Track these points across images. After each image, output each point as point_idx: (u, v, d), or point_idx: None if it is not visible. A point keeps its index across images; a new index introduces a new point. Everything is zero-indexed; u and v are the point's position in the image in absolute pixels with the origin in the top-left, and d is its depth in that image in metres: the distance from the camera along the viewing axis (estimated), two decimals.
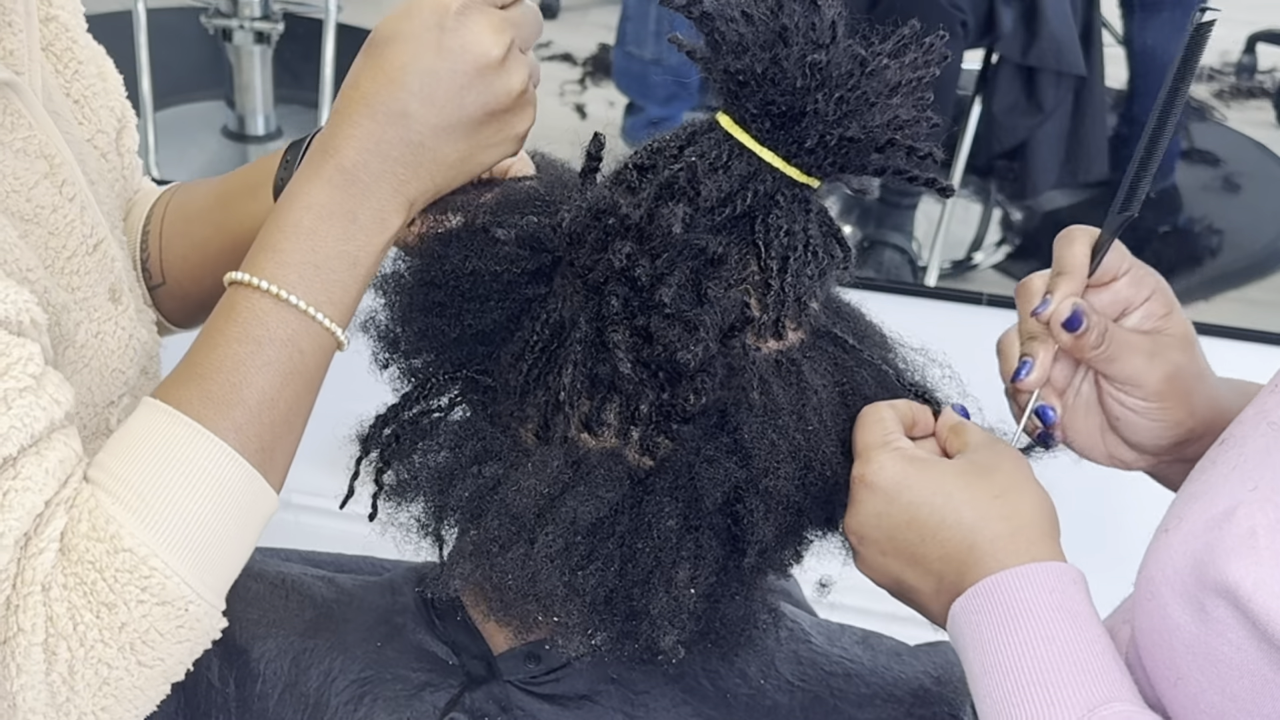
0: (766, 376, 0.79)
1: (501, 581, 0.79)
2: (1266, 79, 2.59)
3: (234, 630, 0.89)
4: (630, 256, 0.76)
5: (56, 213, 0.80)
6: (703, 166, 0.78)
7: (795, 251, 0.80)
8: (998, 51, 2.30)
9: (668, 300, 0.75)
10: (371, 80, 0.77)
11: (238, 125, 2.65)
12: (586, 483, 0.77)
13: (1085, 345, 0.81)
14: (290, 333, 0.76)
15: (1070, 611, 0.73)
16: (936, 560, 0.76)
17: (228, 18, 2.54)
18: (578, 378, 0.78)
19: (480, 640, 0.87)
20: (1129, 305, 0.84)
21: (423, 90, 0.76)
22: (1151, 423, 0.84)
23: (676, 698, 0.85)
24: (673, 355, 0.75)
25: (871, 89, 0.77)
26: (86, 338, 0.82)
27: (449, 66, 0.76)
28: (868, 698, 0.86)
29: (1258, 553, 0.69)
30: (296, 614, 0.90)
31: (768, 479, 0.77)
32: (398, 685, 0.85)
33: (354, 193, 0.77)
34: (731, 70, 0.78)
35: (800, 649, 0.89)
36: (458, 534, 0.84)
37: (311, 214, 0.76)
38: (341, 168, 0.77)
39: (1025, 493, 0.77)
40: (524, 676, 0.85)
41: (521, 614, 0.81)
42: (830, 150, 0.78)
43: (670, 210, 0.76)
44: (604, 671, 0.85)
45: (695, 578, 0.78)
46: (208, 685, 0.87)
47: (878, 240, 2.48)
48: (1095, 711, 0.69)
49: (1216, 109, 2.57)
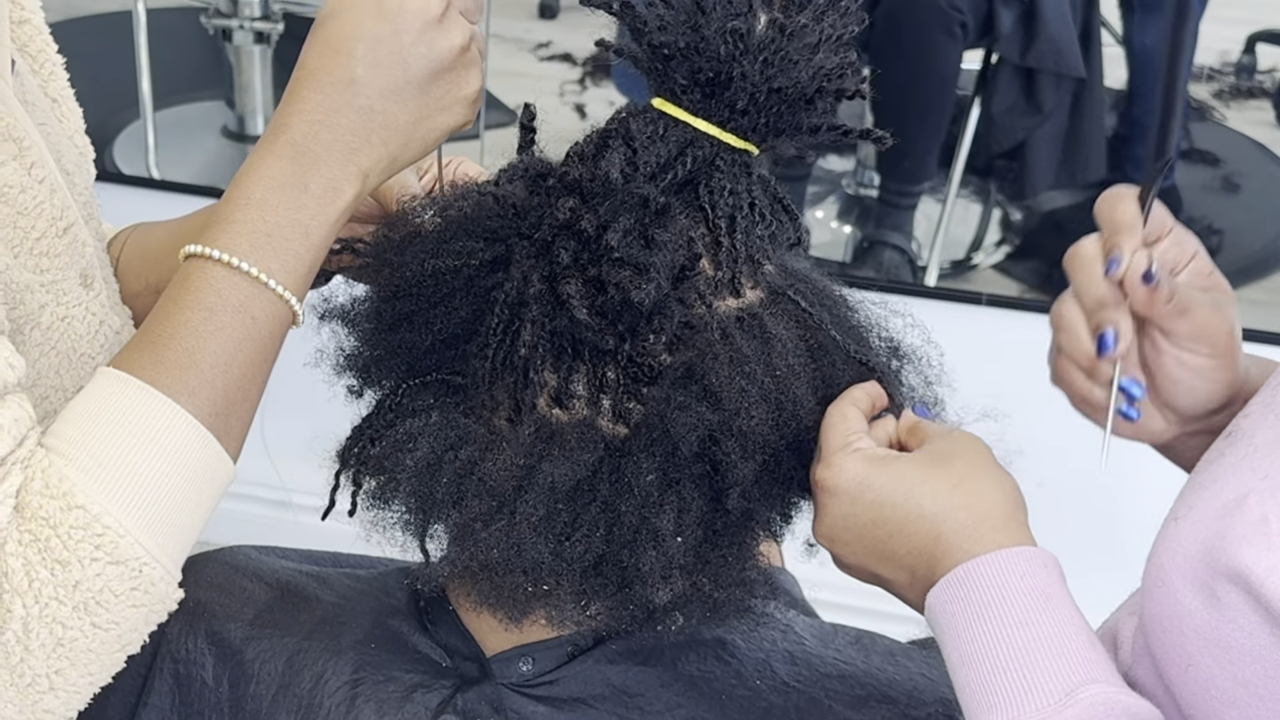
0: (729, 330, 0.80)
1: (487, 558, 0.79)
2: (1266, 79, 2.59)
3: (229, 630, 0.89)
4: (574, 210, 0.78)
5: (25, 193, 0.80)
6: (640, 138, 0.80)
7: (741, 211, 0.82)
8: (997, 52, 2.30)
9: (615, 244, 0.77)
10: (317, 55, 0.79)
11: (238, 125, 2.65)
12: (561, 448, 0.78)
13: (1159, 299, 0.79)
14: (242, 298, 0.76)
15: (1044, 594, 0.73)
16: (906, 555, 0.77)
17: (228, 18, 2.54)
18: (538, 337, 0.79)
19: (473, 642, 0.87)
20: (1175, 265, 0.82)
21: (366, 55, 0.78)
22: (1209, 383, 0.82)
23: (671, 700, 0.85)
24: (626, 297, 0.76)
25: (794, 49, 0.80)
26: (53, 320, 0.82)
27: (390, 28, 0.78)
28: (862, 699, 0.86)
29: (1270, 539, 0.70)
30: (291, 615, 0.90)
31: (740, 419, 0.78)
32: (390, 686, 0.85)
33: (305, 164, 0.78)
34: (656, 44, 0.80)
35: (794, 650, 0.89)
36: (443, 528, 0.84)
37: (263, 186, 0.77)
38: (292, 141, 0.78)
39: (985, 479, 0.77)
40: (517, 679, 0.85)
41: (512, 592, 0.81)
42: (761, 109, 0.80)
43: (608, 159, 0.79)
44: (598, 675, 0.85)
45: (681, 528, 0.79)
46: (201, 685, 0.87)
47: (877, 240, 2.48)
48: (1075, 693, 0.69)
49: (1216, 109, 2.57)
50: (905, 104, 2.35)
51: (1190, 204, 2.52)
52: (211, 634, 0.89)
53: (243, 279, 0.76)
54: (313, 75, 0.79)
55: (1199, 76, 2.51)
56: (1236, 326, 0.83)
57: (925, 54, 2.28)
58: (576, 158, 0.83)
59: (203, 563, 0.95)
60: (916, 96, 2.32)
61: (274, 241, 0.77)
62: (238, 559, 0.96)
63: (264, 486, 2.29)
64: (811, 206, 2.58)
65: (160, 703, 0.88)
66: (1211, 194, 2.58)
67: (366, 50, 0.78)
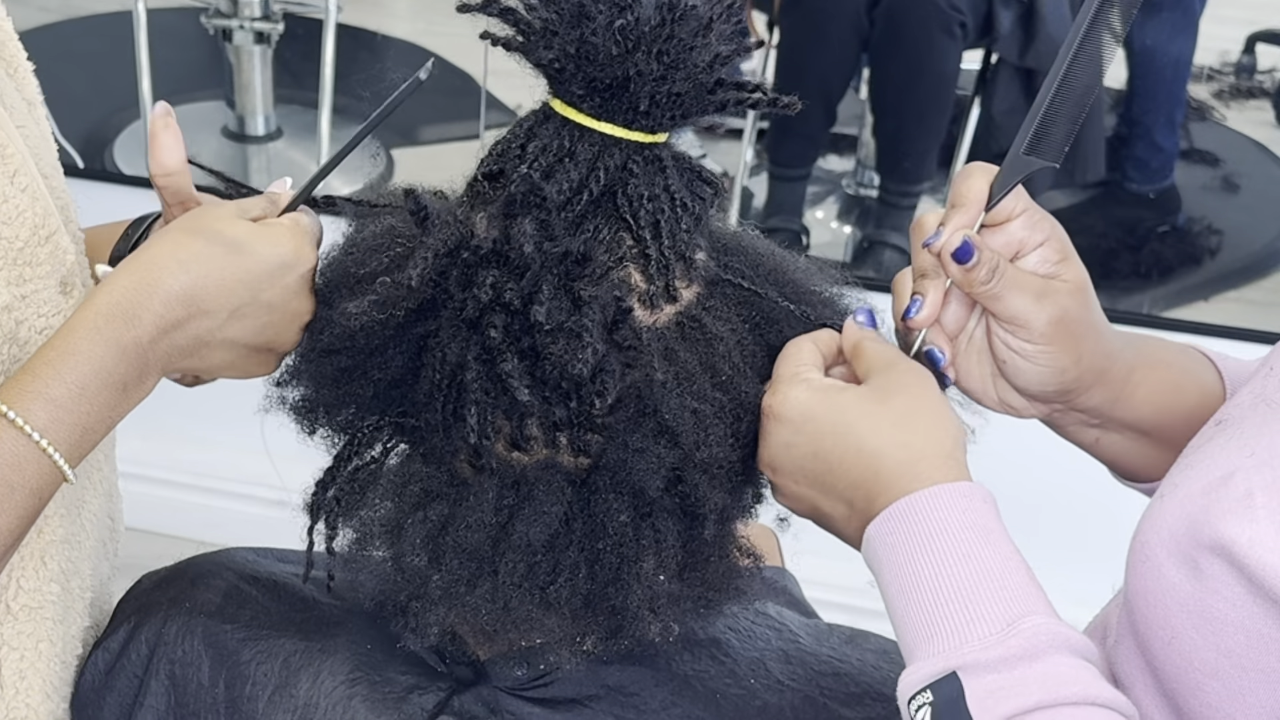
0: (671, 346, 0.79)
1: (476, 618, 0.79)
2: (1266, 79, 2.58)
3: (225, 632, 0.89)
4: (495, 285, 0.76)
5: (8, 203, 0.80)
6: (545, 163, 0.78)
7: (664, 214, 0.79)
8: (997, 52, 2.30)
9: (543, 319, 0.75)
10: (205, 276, 0.78)
11: (238, 125, 2.64)
12: (530, 502, 0.78)
13: (975, 279, 0.80)
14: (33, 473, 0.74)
15: (983, 529, 0.73)
16: (845, 488, 0.77)
17: (228, 18, 2.54)
18: (484, 416, 0.77)
19: (467, 647, 0.87)
20: (1023, 247, 0.84)
21: (232, 305, 0.79)
22: (1037, 367, 0.83)
23: (666, 699, 0.85)
24: (565, 369, 0.75)
25: (686, 32, 0.77)
26: (30, 334, 0.82)
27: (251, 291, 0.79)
28: (857, 696, 0.86)
29: (1254, 511, 0.71)
30: (288, 616, 0.90)
31: (701, 450, 0.78)
32: (386, 688, 0.85)
33: (137, 368, 0.77)
34: (545, 60, 0.78)
35: (789, 648, 0.89)
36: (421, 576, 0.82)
37: (99, 380, 0.76)
38: (138, 341, 0.77)
39: (927, 415, 0.78)
40: (513, 682, 0.85)
41: (505, 639, 0.82)
42: (663, 105, 0.78)
43: (519, 228, 0.75)
44: (594, 675, 0.85)
45: (662, 564, 0.79)
46: (198, 686, 0.87)
47: (877, 240, 2.47)
48: (1015, 624, 0.70)
49: (1216, 109, 2.57)
50: (905, 104, 2.34)
51: (1190, 204, 2.52)
52: (208, 635, 0.89)
53: (36, 451, 0.74)
54: (190, 291, 0.78)
55: (1199, 76, 2.51)
56: (1082, 314, 0.83)
57: (925, 54, 2.28)
58: (484, 182, 0.81)
59: (200, 564, 0.95)
60: (916, 96, 2.32)
61: (88, 436, 0.76)
62: (234, 561, 0.96)
63: (264, 486, 2.29)
64: (811, 206, 2.57)
65: (156, 704, 0.88)
66: (1211, 194, 2.58)
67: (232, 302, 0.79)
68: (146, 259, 0.79)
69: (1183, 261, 2.47)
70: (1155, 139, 2.46)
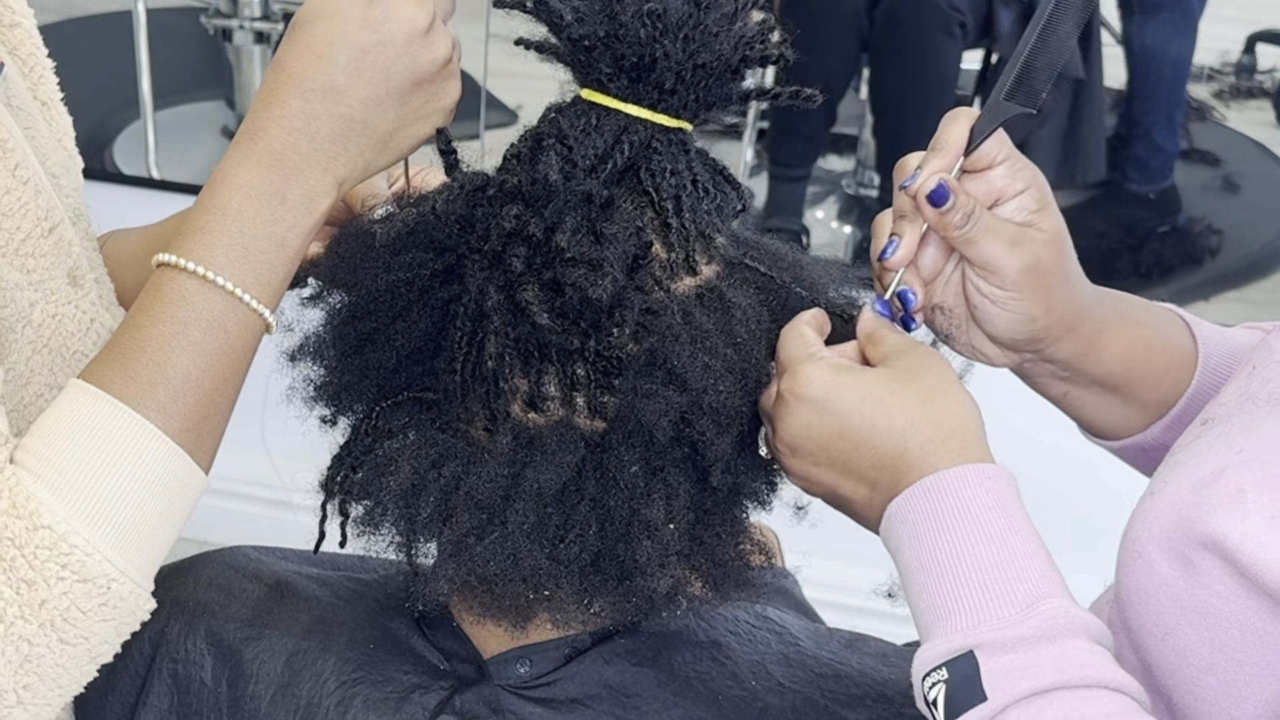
0: (689, 309, 0.80)
1: (485, 570, 0.79)
2: (1266, 79, 2.59)
3: (228, 630, 0.89)
4: (519, 216, 0.78)
5: (9, 195, 0.80)
6: (574, 133, 0.80)
7: (685, 189, 0.82)
8: (996, 52, 2.30)
9: (565, 244, 0.77)
10: (298, 59, 0.77)
11: (238, 125, 2.64)
12: (543, 453, 0.79)
13: (949, 223, 0.81)
14: (216, 314, 0.76)
15: (1006, 511, 0.74)
16: (870, 468, 0.77)
17: (228, 18, 2.54)
18: (503, 346, 0.79)
19: (470, 645, 0.87)
20: (1003, 195, 0.84)
21: (349, 64, 0.77)
22: (1006, 313, 0.84)
23: (668, 700, 0.85)
24: (584, 295, 0.76)
25: (712, 21, 0.80)
26: (43, 318, 0.82)
27: (375, 38, 0.77)
28: (858, 698, 0.86)
29: (1245, 507, 0.72)
30: (290, 615, 0.90)
31: (708, 396, 0.78)
32: (388, 687, 0.85)
33: (283, 173, 0.77)
34: (576, 38, 0.80)
35: (789, 652, 0.89)
36: (435, 546, 0.84)
37: (240, 195, 0.76)
38: (270, 149, 0.76)
39: (952, 395, 0.78)
40: (515, 681, 0.86)
41: (513, 601, 0.82)
42: (689, 86, 0.81)
43: (545, 161, 0.78)
44: (595, 676, 0.85)
45: (672, 514, 0.79)
46: (200, 685, 0.87)
47: None
48: (1034, 606, 0.70)
49: (1216, 109, 2.57)
50: (905, 104, 2.35)
51: (1190, 204, 2.53)
52: (210, 634, 0.89)
53: (217, 293, 0.75)
54: (293, 79, 0.77)
55: (1199, 76, 2.51)
56: (1055, 263, 0.84)
57: (925, 54, 2.29)
58: (514, 160, 0.83)
59: (202, 563, 0.95)
60: (916, 96, 2.33)
61: (250, 255, 0.76)
62: (237, 559, 0.96)
63: (264, 486, 2.30)
64: (811, 206, 2.58)
65: (159, 703, 0.88)
66: (1211, 194, 2.59)
67: (350, 59, 0.77)
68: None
69: (1183, 261, 2.48)
70: (1155, 139, 2.46)
